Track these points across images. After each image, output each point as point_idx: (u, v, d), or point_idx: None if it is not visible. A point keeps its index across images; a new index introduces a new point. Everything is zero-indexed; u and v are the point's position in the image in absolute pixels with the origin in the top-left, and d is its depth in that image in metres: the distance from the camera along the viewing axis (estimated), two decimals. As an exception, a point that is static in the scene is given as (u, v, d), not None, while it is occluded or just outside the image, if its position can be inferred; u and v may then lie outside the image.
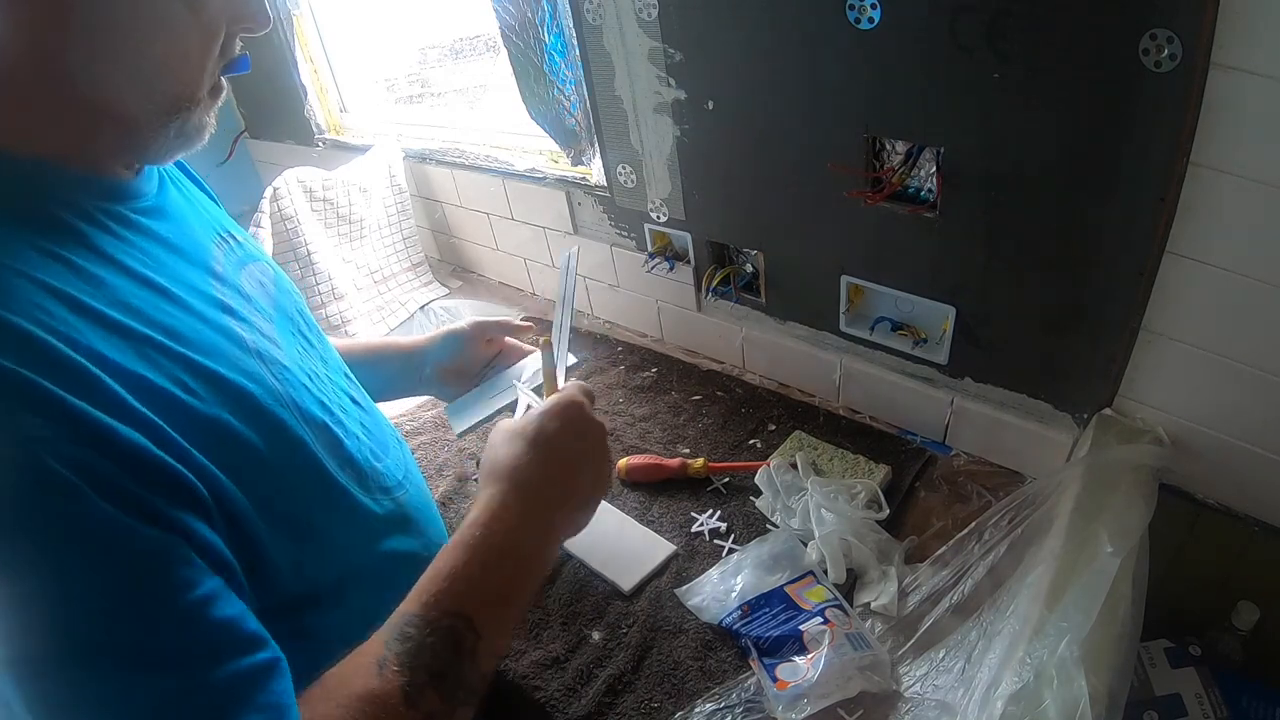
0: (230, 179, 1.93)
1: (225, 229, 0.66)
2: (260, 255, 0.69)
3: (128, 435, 0.42)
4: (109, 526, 0.40)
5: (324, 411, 0.60)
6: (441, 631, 0.51)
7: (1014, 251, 0.81)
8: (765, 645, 0.75)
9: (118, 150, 0.53)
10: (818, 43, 0.82)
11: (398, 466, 0.70)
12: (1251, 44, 0.58)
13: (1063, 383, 0.86)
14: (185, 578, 0.42)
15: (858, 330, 1.00)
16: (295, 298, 0.71)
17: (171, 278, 0.53)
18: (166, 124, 0.52)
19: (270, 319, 0.62)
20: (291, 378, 0.58)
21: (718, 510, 0.93)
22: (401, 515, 0.66)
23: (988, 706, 0.61)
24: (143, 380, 0.45)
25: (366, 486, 0.63)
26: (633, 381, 1.19)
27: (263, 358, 0.56)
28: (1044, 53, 0.68)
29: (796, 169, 0.93)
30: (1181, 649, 0.82)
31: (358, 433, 0.65)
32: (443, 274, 1.61)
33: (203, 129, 0.55)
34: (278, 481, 0.52)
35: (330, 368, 0.70)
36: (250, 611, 0.45)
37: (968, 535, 0.79)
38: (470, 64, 1.66)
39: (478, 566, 0.54)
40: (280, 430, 0.54)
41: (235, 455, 0.49)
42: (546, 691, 0.76)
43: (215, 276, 0.59)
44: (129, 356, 0.46)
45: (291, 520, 0.53)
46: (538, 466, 0.61)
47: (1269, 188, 0.62)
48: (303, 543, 0.54)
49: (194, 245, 0.59)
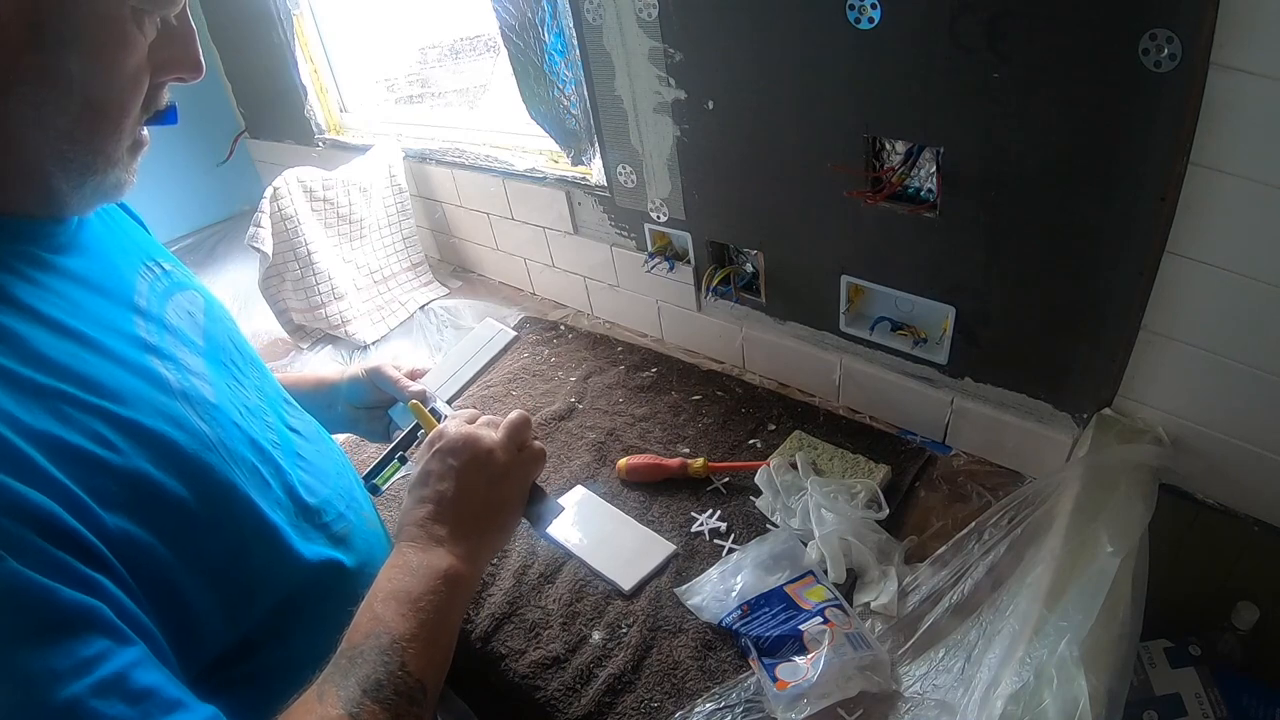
0: (230, 179, 1.95)
1: (152, 257, 0.64)
2: (189, 283, 0.67)
3: (39, 501, 0.41)
4: (29, 590, 0.39)
5: (253, 451, 0.59)
6: (367, 649, 0.51)
7: (1014, 251, 0.81)
8: (765, 645, 0.75)
9: (31, 203, 0.51)
10: (818, 43, 0.82)
11: (338, 496, 0.68)
12: (1251, 44, 0.58)
13: (1062, 382, 0.86)
14: (111, 642, 0.41)
15: (858, 330, 1.00)
16: (228, 325, 0.69)
17: (90, 321, 0.51)
18: (80, 184, 0.51)
19: (199, 352, 0.61)
20: (220, 416, 0.57)
21: (718, 510, 0.93)
22: (342, 546, 0.65)
23: (987, 706, 0.61)
24: (55, 440, 0.44)
25: (299, 524, 0.61)
26: (633, 381, 1.19)
27: (189, 398, 0.55)
28: (1044, 53, 0.68)
29: (796, 169, 0.93)
30: (1181, 649, 0.82)
31: (290, 467, 0.64)
32: (443, 274, 1.61)
33: (120, 186, 0.53)
34: (204, 531, 0.51)
35: (266, 398, 0.68)
36: (173, 677, 0.44)
37: (967, 535, 0.79)
38: (470, 64, 1.66)
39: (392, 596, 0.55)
40: (206, 476, 0.52)
41: (157, 509, 0.48)
42: (546, 691, 0.76)
43: (138, 312, 0.57)
44: (40, 415, 0.44)
45: (222, 569, 0.52)
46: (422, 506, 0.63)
47: (1269, 188, 0.62)
48: (235, 590, 0.53)
49: (115, 280, 0.57)
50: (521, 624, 0.83)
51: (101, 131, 0.50)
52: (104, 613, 0.41)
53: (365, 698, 0.49)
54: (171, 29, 0.52)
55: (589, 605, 0.84)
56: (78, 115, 0.48)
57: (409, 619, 0.54)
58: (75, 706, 0.38)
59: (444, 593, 0.58)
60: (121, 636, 0.42)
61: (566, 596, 0.85)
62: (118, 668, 0.40)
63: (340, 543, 0.65)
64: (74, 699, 0.38)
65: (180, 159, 1.82)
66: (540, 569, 0.89)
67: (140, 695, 0.41)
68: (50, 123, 0.47)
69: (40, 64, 0.45)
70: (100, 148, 0.50)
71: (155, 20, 0.50)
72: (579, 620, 0.82)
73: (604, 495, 0.98)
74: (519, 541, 0.93)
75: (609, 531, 0.92)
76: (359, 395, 0.87)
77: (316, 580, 0.61)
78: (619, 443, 1.06)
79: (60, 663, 0.39)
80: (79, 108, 0.48)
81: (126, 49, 0.48)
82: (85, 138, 0.49)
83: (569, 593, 0.86)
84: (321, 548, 0.62)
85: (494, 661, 0.80)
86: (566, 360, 1.27)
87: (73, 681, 0.38)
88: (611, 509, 0.95)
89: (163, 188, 1.78)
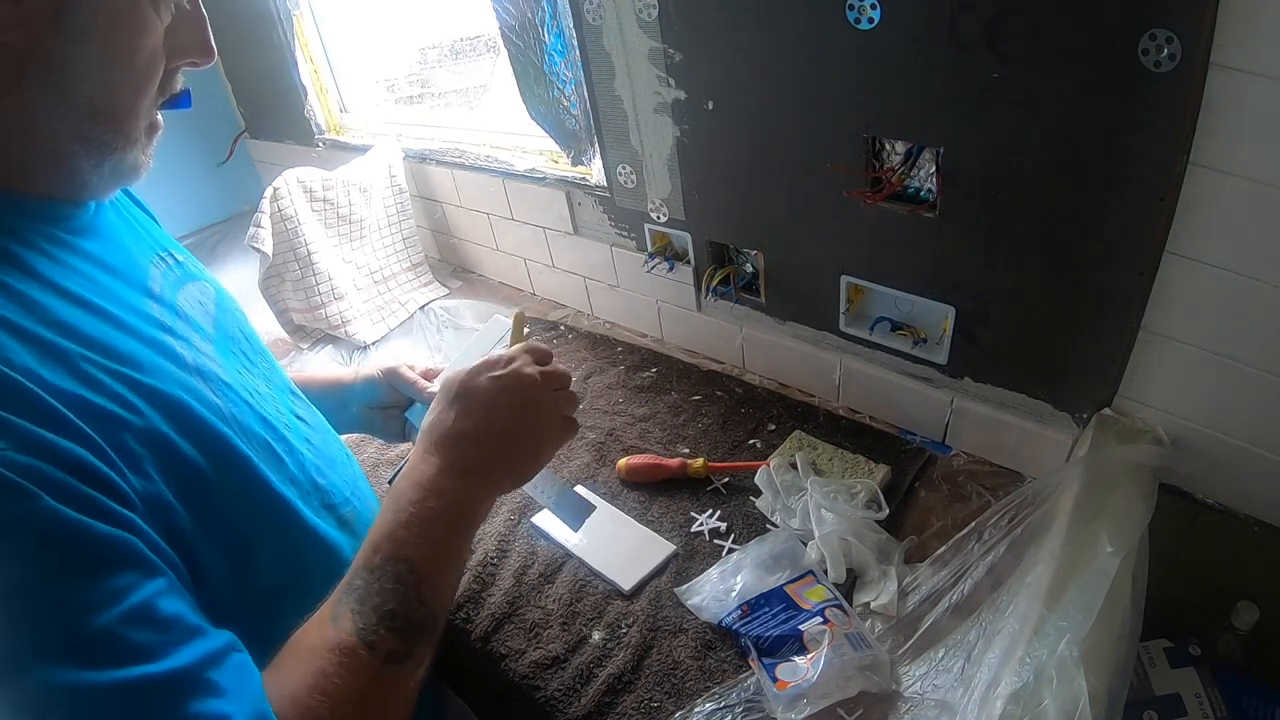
0: (230, 179, 1.95)
1: (165, 248, 0.66)
2: (200, 275, 0.68)
3: (70, 447, 0.43)
4: (65, 525, 0.41)
5: (266, 428, 0.60)
6: (384, 575, 0.52)
7: (1014, 251, 0.81)
8: (765, 645, 0.75)
9: (52, 184, 0.52)
10: (817, 43, 0.82)
11: (345, 483, 0.69)
12: (1251, 44, 0.58)
13: (1062, 382, 0.86)
14: (139, 574, 0.43)
15: (857, 330, 1.00)
16: (237, 316, 0.70)
17: (107, 297, 0.53)
18: (100, 163, 0.52)
19: (209, 338, 0.62)
20: (233, 394, 0.58)
21: (717, 510, 0.93)
22: (348, 530, 0.66)
23: (987, 706, 0.61)
24: (81, 399, 0.45)
25: (311, 503, 0.63)
26: (633, 381, 1.19)
27: (202, 374, 0.56)
28: (1044, 53, 0.68)
29: (796, 169, 0.93)
30: (1181, 649, 0.82)
31: (303, 449, 0.65)
32: (443, 274, 1.61)
33: (138, 167, 0.55)
34: (218, 497, 0.52)
35: (275, 386, 0.69)
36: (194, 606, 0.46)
37: (967, 535, 0.78)
38: (470, 64, 1.66)
39: (413, 520, 0.56)
40: (221, 445, 0.54)
41: (176, 470, 0.49)
42: (546, 691, 0.76)
43: (152, 296, 0.58)
44: (65, 377, 0.46)
45: (233, 535, 0.53)
46: (462, 420, 0.62)
47: (1269, 188, 0.62)
48: (243, 557, 0.55)
49: (130, 265, 0.59)
50: (521, 624, 0.83)
51: (120, 111, 0.51)
52: (135, 545, 0.44)
53: (380, 625, 0.50)
54: (185, 14, 0.53)
55: (589, 605, 0.84)
56: (96, 97, 0.49)
57: (428, 549, 0.55)
58: (106, 634, 0.41)
59: (464, 524, 0.59)
60: (150, 568, 0.44)
61: (566, 596, 0.85)
62: (145, 596, 0.43)
63: (346, 527, 0.66)
64: (103, 628, 0.41)
65: (180, 159, 1.82)
66: (540, 569, 0.89)
67: (166, 623, 0.43)
68: (70, 104, 0.49)
69: (61, 46, 0.47)
70: (119, 126, 0.52)
71: (170, 5, 0.51)
72: (579, 620, 0.82)
73: (604, 495, 0.98)
74: (519, 542, 0.93)
75: (609, 531, 0.92)
76: (374, 396, 0.87)
77: (321, 557, 0.62)
78: (619, 443, 1.06)
79: (93, 594, 0.41)
80: (97, 90, 0.49)
81: (144, 32, 0.50)
82: (104, 118, 0.51)
83: (569, 593, 0.86)
84: (330, 527, 0.63)
85: (494, 661, 0.80)
86: (566, 360, 1.27)
87: (104, 611, 0.41)
88: (611, 509, 0.95)
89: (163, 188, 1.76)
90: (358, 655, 0.49)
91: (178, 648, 0.43)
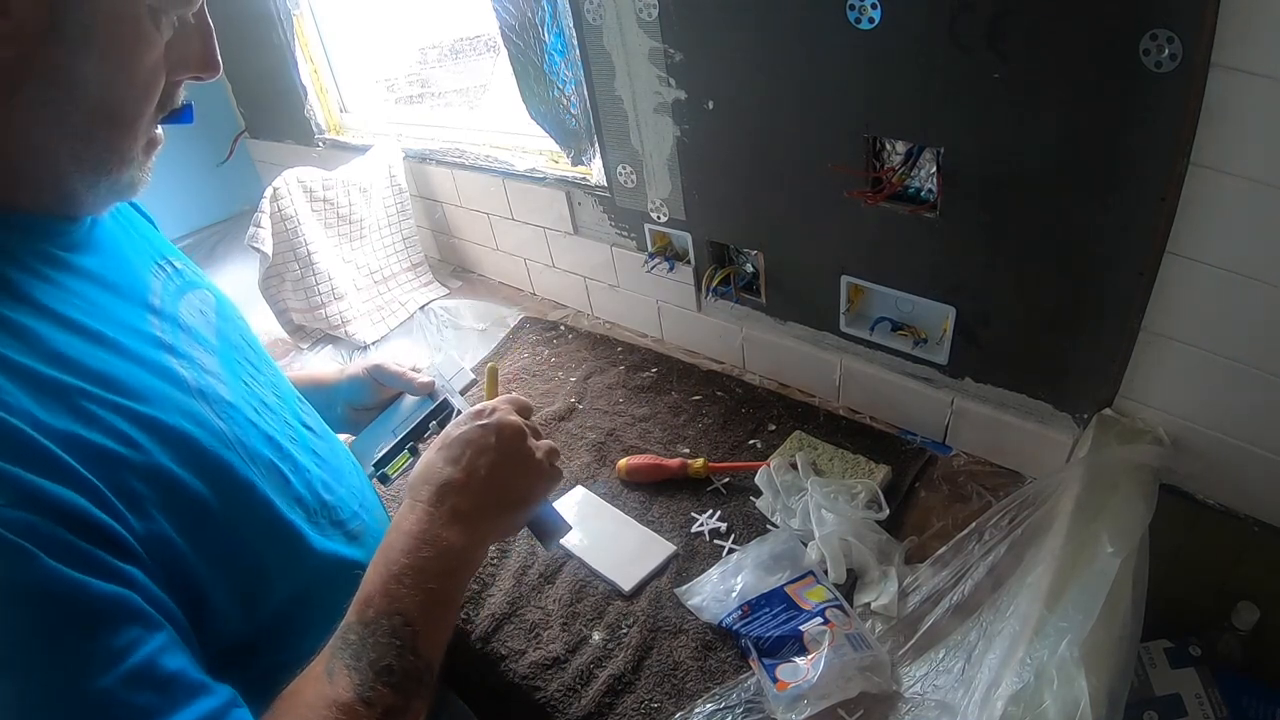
0: (230, 179, 1.95)
1: (164, 256, 0.65)
2: (200, 282, 0.67)
3: (67, 497, 0.41)
4: (64, 584, 0.40)
5: (272, 448, 0.59)
6: (380, 629, 0.52)
7: (1014, 251, 0.81)
8: (765, 645, 0.75)
9: (48, 201, 0.51)
10: (818, 43, 0.82)
11: (353, 495, 0.69)
12: (1251, 44, 0.58)
13: (1063, 383, 0.86)
14: (140, 629, 0.42)
15: (858, 330, 1.00)
16: (239, 324, 0.69)
17: (106, 320, 0.52)
18: (95, 183, 0.51)
19: (213, 350, 0.61)
20: (237, 415, 0.57)
21: (718, 510, 0.93)
22: (358, 544, 0.65)
23: (988, 707, 0.61)
24: (78, 438, 0.44)
25: (317, 522, 0.62)
26: (633, 381, 1.19)
27: (206, 397, 0.55)
28: (1044, 53, 0.68)
29: (796, 169, 0.93)
30: (1181, 649, 0.82)
31: (309, 464, 0.64)
32: (443, 274, 1.60)
33: (135, 184, 0.54)
34: (224, 527, 0.52)
35: (282, 394, 0.68)
36: (196, 661, 0.45)
37: (968, 535, 0.78)
38: (470, 64, 1.66)
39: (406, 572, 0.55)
40: (225, 473, 0.53)
41: (179, 505, 0.48)
42: (546, 691, 0.76)
43: (153, 311, 0.57)
44: (61, 415, 0.44)
45: (239, 565, 0.53)
46: (451, 467, 0.62)
47: (1269, 188, 0.62)
48: (251, 586, 0.54)
49: (130, 279, 0.57)
50: (521, 624, 0.83)
51: (117, 129, 0.50)
52: (135, 601, 0.43)
53: (378, 681, 0.50)
54: (189, 27, 0.52)
55: (589, 606, 0.84)
56: (93, 113, 0.48)
57: (423, 601, 0.55)
58: (107, 697, 0.40)
59: (457, 574, 0.59)
60: (150, 622, 0.43)
61: (566, 597, 0.85)
62: (146, 655, 0.42)
63: (355, 540, 0.66)
64: (105, 690, 0.40)
65: (180, 159, 1.80)
66: (540, 569, 0.89)
67: (166, 681, 0.42)
68: (66, 120, 0.47)
69: (56, 60, 0.45)
70: (115, 146, 0.50)
71: (172, 19, 0.50)
72: (579, 621, 0.82)
73: (604, 495, 0.98)
74: (519, 542, 0.93)
75: (609, 532, 0.92)
76: (359, 395, 0.86)
77: (331, 577, 0.61)
78: (619, 443, 1.06)
79: (92, 655, 0.40)
80: (95, 105, 0.48)
81: (143, 47, 0.48)
82: (101, 136, 0.49)
83: (569, 593, 0.85)
84: (338, 545, 0.63)
85: (494, 662, 0.80)
86: (566, 360, 1.27)
87: (104, 673, 0.40)
88: (611, 509, 0.95)
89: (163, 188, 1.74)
90: (355, 712, 0.48)
91: (178, 709, 0.42)
